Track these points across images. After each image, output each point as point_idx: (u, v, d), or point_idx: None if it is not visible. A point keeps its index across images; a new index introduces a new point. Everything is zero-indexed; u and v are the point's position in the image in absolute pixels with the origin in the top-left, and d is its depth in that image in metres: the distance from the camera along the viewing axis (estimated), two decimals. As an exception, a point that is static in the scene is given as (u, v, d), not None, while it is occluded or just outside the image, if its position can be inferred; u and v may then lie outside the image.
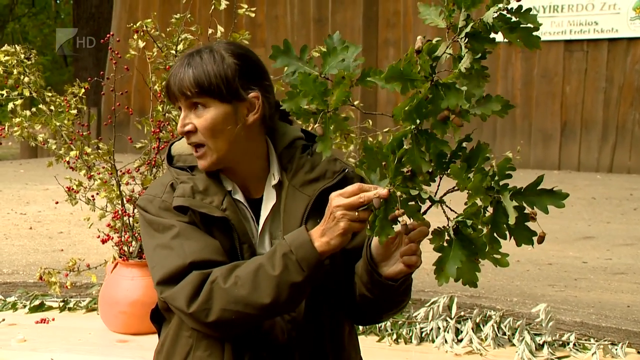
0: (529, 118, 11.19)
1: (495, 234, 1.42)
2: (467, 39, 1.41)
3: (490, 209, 1.42)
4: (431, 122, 1.44)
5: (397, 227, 1.51)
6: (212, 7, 3.61)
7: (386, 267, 1.63)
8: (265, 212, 1.75)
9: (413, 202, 1.47)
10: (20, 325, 3.82)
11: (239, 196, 1.75)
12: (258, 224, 1.75)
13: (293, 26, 12.51)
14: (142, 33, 3.60)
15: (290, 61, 1.54)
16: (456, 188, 1.45)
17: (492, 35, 1.42)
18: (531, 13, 1.41)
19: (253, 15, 3.70)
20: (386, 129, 3.58)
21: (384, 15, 12.13)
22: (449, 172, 1.44)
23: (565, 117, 10.99)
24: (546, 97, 11.06)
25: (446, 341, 3.49)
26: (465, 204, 1.43)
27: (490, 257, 1.43)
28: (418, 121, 1.43)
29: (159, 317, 1.90)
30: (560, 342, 3.49)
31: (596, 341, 3.50)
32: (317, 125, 1.51)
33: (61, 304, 4.09)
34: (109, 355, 3.45)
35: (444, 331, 3.54)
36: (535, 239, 1.40)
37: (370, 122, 3.88)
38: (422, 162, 1.44)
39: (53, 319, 3.89)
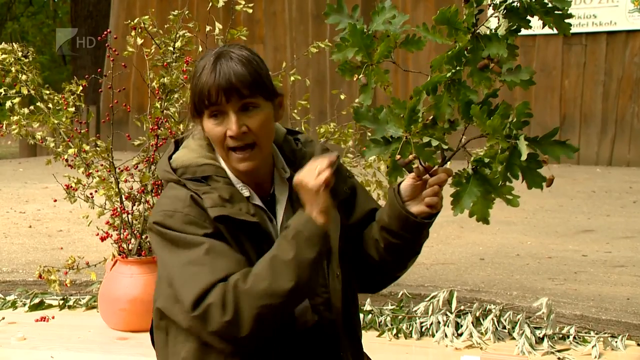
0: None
1: (508, 174, 1.56)
2: (505, 11, 1.57)
3: (507, 153, 1.55)
4: (470, 69, 1.58)
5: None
6: (210, 4, 3.60)
7: (410, 206, 1.74)
8: (281, 209, 1.80)
9: (429, 148, 1.61)
10: (20, 324, 3.82)
11: (257, 201, 1.77)
12: (274, 221, 1.79)
13: (291, 22, 12.49)
14: (139, 30, 3.60)
15: (342, 19, 1.69)
16: (479, 135, 1.59)
17: (528, 17, 1.57)
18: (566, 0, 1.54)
19: (250, 11, 3.70)
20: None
21: (382, 10, 12.12)
22: (472, 120, 1.57)
23: (565, 110, 10.98)
24: (545, 91, 11.04)
25: (446, 335, 3.50)
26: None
27: (502, 196, 1.57)
28: (457, 67, 1.56)
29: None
30: (560, 335, 3.49)
31: (596, 334, 3.50)
32: (361, 75, 1.65)
33: (61, 302, 4.09)
34: (109, 352, 3.45)
35: (444, 325, 3.54)
36: (545, 184, 1.54)
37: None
38: (447, 108, 1.58)
39: (53, 317, 3.89)
